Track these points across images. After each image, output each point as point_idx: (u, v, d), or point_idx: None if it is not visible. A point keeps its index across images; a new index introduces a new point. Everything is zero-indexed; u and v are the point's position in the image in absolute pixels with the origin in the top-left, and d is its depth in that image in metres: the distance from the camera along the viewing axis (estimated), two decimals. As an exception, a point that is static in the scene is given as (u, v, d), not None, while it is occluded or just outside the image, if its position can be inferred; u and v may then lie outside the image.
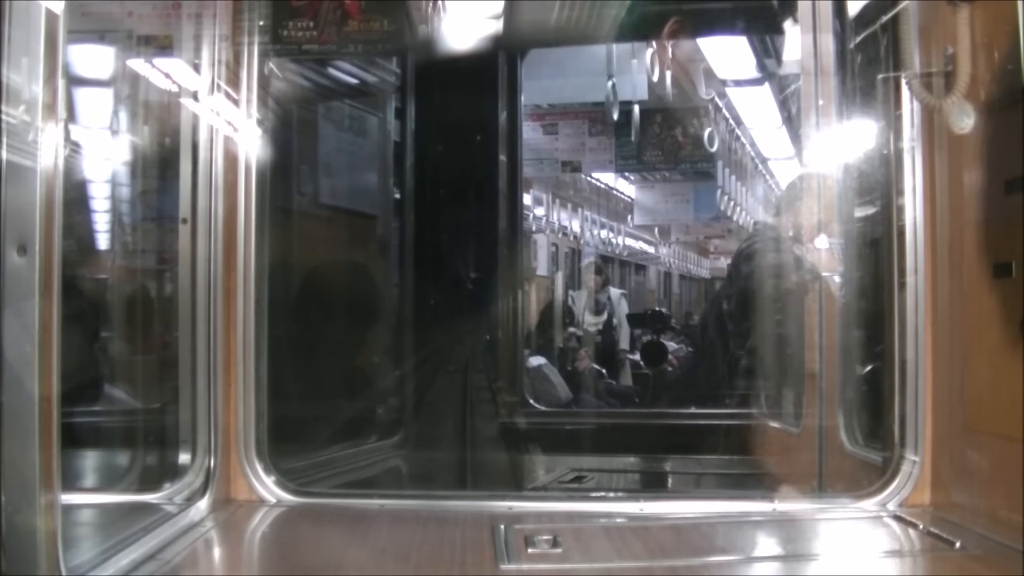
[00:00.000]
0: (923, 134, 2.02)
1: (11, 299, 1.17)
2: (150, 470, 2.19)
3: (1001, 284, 1.73)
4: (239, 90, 2.19)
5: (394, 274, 3.59)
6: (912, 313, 2.04)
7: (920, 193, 2.03)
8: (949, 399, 1.94)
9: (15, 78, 1.17)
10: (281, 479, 2.13)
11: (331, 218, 3.42)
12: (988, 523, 1.74)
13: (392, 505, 2.14)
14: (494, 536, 1.78)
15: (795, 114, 4.07)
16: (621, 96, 4.99)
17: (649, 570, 1.66)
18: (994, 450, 1.75)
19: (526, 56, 3.97)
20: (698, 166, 5.65)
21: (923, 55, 1.95)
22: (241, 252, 2.14)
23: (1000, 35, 1.70)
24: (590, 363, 6.28)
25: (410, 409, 3.36)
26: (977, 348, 1.84)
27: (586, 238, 9.70)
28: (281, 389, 2.32)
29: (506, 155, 3.79)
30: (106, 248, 2.60)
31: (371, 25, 2.30)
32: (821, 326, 2.36)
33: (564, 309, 7.12)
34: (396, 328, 3.48)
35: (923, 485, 2.00)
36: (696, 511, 2.07)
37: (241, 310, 2.14)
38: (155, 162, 2.37)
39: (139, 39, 2.14)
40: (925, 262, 2.03)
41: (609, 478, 3.81)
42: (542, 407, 4.18)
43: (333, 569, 1.67)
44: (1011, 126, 1.67)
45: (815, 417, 2.41)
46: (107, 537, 1.67)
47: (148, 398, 2.36)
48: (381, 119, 3.66)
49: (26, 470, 1.17)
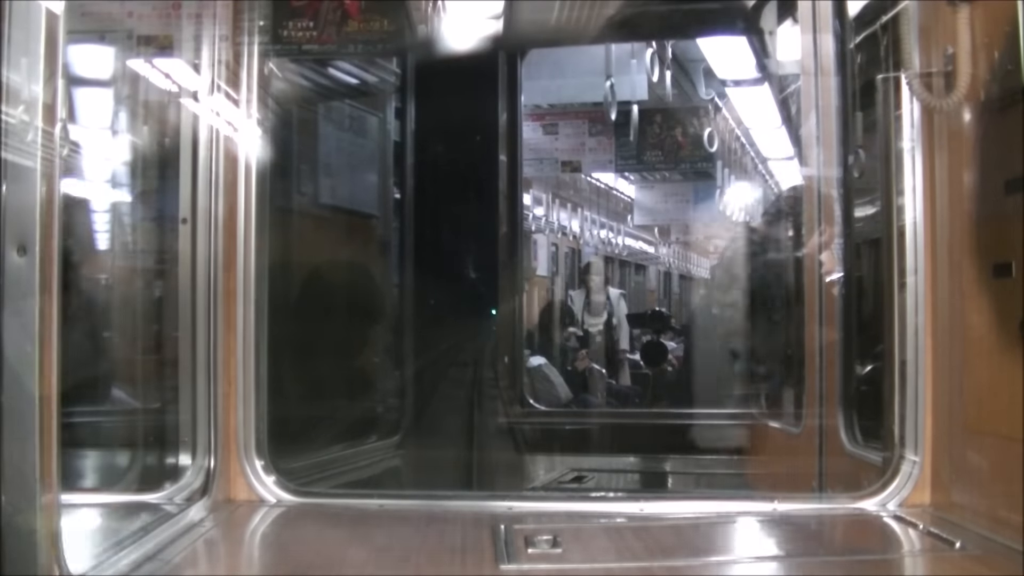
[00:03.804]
0: (923, 134, 2.02)
1: (11, 299, 1.17)
2: (150, 470, 2.19)
3: (1001, 284, 1.73)
4: (239, 90, 2.19)
5: (394, 274, 3.59)
6: (912, 313, 2.04)
7: (920, 193, 2.03)
8: (949, 399, 1.94)
9: (15, 78, 1.17)
10: (281, 479, 2.13)
11: (331, 218, 3.42)
12: (988, 523, 1.74)
13: (392, 505, 2.14)
14: (494, 536, 1.78)
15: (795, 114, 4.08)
16: (621, 96, 4.99)
17: (649, 570, 1.66)
18: (994, 450, 1.75)
19: (526, 56, 3.98)
20: (698, 166, 5.64)
21: (923, 55, 1.95)
22: (241, 252, 2.14)
23: (1000, 35, 1.70)
24: (590, 363, 6.28)
25: (409, 409, 3.36)
26: (977, 348, 1.83)
27: (586, 238, 9.69)
28: (281, 389, 2.32)
29: (506, 155, 3.80)
30: (106, 248, 2.60)
31: (371, 25, 2.30)
32: (821, 326, 2.36)
33: (564, 309, 7.12)
34: (395, 328, 3.48)
35: (923, 485, 2.00)
36: (696, 511, 2.07)
37: (241, 310, 2.14)
38: (155, 162, 2.37)
39: (139, 39, 2.14)
40: (925, 262, 2.03)
41: (609, 478, 3.81)
42: (542, 407, 4.18)
43: (333, 569, 1.67)
44: (1011, 126, 1.67)
45: (815, 417, 2.41)
46: (107, 537, 1.67)
47: (148, 398, 2.36)
48: (381, 119, 3.66)
49: (26, 470, 1.17)
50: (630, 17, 3.28)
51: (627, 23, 3.31)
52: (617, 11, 3.23)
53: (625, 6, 3.21)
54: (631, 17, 3.28)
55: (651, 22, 3.49)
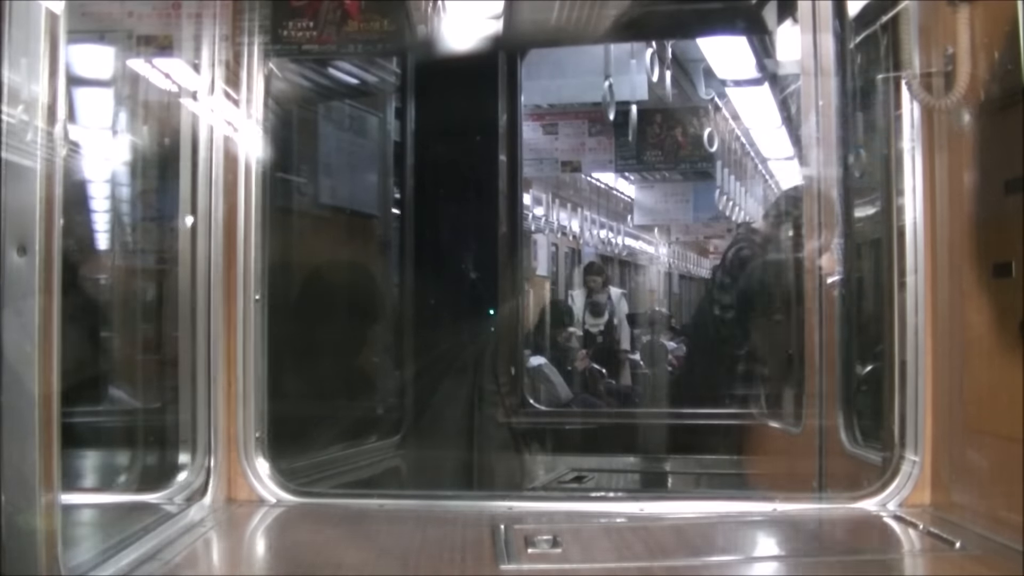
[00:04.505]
0: (923, 134, 2.02)
1: (11, 299, 1.17)
2: (150, 470, 2.19)
3: (1001, 284, 1.73)
4: (239, 90, 2.19)
5: (394, 274, 3.59)
6: (912, 313, 2.04)
7: (920, 193, 2.03)
8: (949, 399, 1.94)
9: (15, 78, 1.17)
10: (281, 479, 2.13)
11: (331, 218, 3.42)
12: (988, 523, 1.74)
13: (392, 505, 2.14)
14: (494, 536, 1.78)
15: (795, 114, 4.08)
16: (620, 96, 4.99)
17: (649, 570, 1.66)
18: (994, 450, 1.75)
19: (526, 56, 3.97)
20: (698, 166, 5.65)
21: (923, 55, 1.95)
22: (241, 252, 2.14)
23: (1000, 35, 1.70)
24: (590, 363, 6.28)
25: (410, 409, 3.36)
26: (977, 348, 1.83)
27: (586, 238, 9.69)
28: (281, 389, 2.32)
29: (506, 155, 3.79)
30: (106, 248, 2.60)
31: (371, 25, 2.30)
32: (821, 326, 2.36)
33: (564, 309, 7.12)
34: (395, 328, 3.48)
35: (923, 485, 2.00)
36: (696, 511, 2.07)
37: (241, 310, 2.14)
38: (155, 162, 2.37)
39: (139, 39, 2.14)
40: (925, 262, 2.03)
41: (609, 478, 3.81)
42: (542, 406, 4.17)
43: (333, 569, 1.67)
44: (1011, 126, 1.67)
45: (815, 417, 2.41)
46: (107, 537, 1.67)
47: (148, 398, 2.36)
48: (381, 119, 3.66)
49: (26, 470, 1.17)
50: (630, 17, 3.28)
51: (627, 23, 3.31)
52: (617, 11, 3.23)
53: (625, 6, 3.21)
54: (631, 17, 3.28)
55: (651, 22, 3.48)
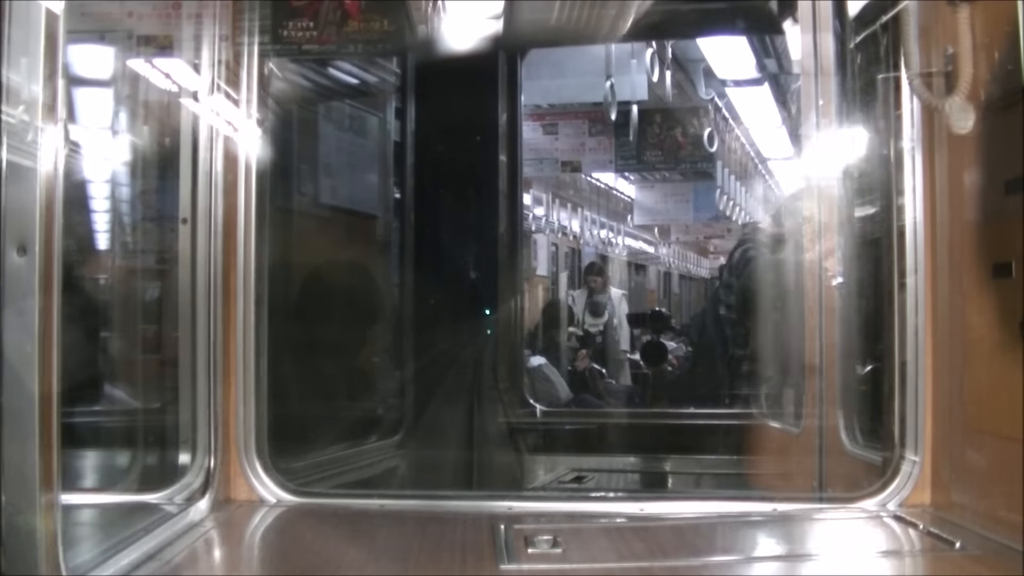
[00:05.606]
0: (923, 134, 2.02)
1: (11, 299, 1.17)
2: (150, 470, 2.19)
3: (1001, 284, 1.73)
4: (239, 90, 2.19)
5: (394, 274, 3.59)
6: (912, 313, 2.04)
7: (920, 193, 2.03)
8: (949, 399, 1.94)
9: (15, 78, 1.17)
10: (281, 479, 2.13)
11: (331, 218, 3.42)
12: (988, 523, 1.74)
13: (392, 505, 2.14)
14: (494, 536, 1.78)
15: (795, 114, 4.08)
16: (621, 96, 5.00)
17: (649, 570, 1.66)
18: (994, 450, 1.75)
19: (526, 56, 3.97)
20: (698, 166, 5.65)
21: (923, 55, 1.95)
22: (241, 252, 2.14)
23: (1000, 35, 1.70)
24: (590, 363, 6.28)
25: (410, 409, 3.36)
26: (977, 348, 1.83)
27: (586, 238, 9.70)
28: (281, 389, 2.32)
29: (506, 155, 3.79)
30: (106, 248, 2.60)
31: (371, 25, 2.30)
32: (821, 326, 2.35)
33: (564, 309, 7.12)
34: (395, 328, 3.48)
35: (923, 485, 2.00)
36: (696, 511, 2.07)
37: (241, 310, 2.14)
38: (155, 162, 2.37)
39: (139, 39, 2.14)
40: (925, 262, 2.03)
41: (609, 478, 3.81)
42: (542, 407, 4.17)
43: (333, 569, 1.67)
44: (1011, 126, 1.67)
45: (815, 417, 2.41)
46: (107, 537, 1.67)
47: (148, 398, 2.36)
48: (381, 119, 3.66)
49: (26, 470, 1.17)
50: (630, 17, 3.28)
51: (627, 23, 3.31)
52: (617, 11, 3.23)
53: (625, 6, 3.21)
54: (631, 17, 3.28)
55: (651, 22, 3.48)
